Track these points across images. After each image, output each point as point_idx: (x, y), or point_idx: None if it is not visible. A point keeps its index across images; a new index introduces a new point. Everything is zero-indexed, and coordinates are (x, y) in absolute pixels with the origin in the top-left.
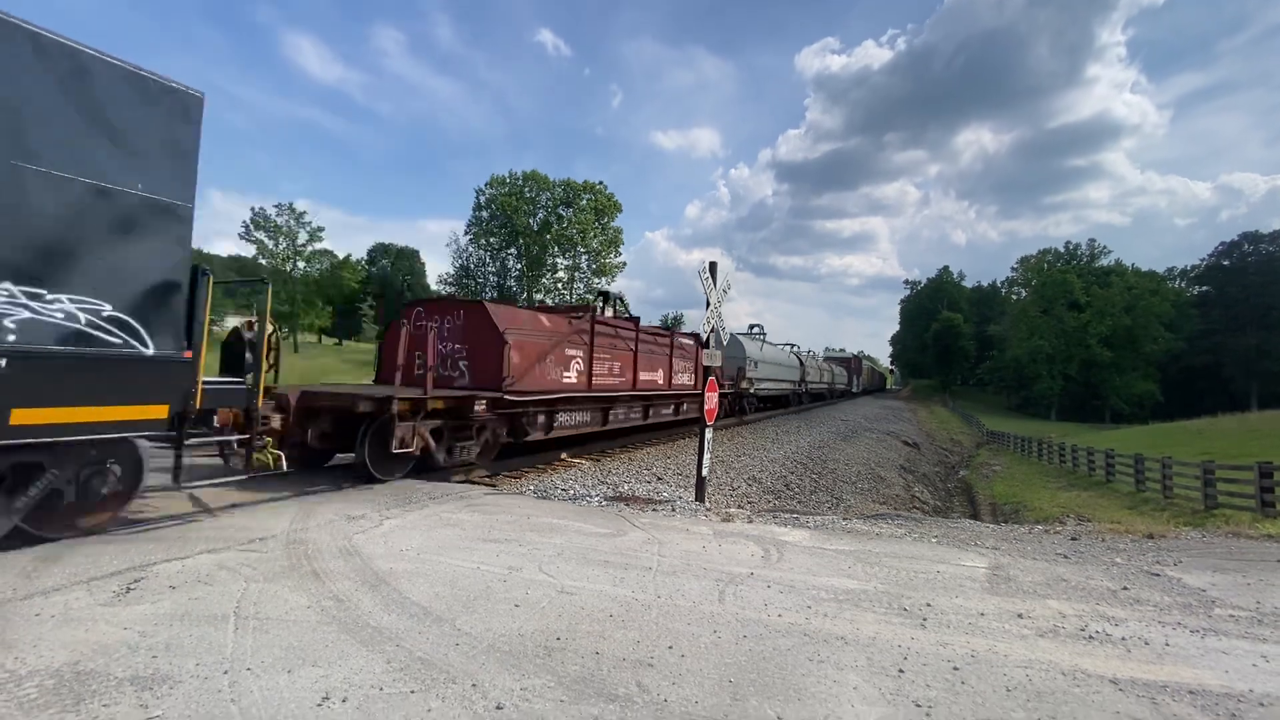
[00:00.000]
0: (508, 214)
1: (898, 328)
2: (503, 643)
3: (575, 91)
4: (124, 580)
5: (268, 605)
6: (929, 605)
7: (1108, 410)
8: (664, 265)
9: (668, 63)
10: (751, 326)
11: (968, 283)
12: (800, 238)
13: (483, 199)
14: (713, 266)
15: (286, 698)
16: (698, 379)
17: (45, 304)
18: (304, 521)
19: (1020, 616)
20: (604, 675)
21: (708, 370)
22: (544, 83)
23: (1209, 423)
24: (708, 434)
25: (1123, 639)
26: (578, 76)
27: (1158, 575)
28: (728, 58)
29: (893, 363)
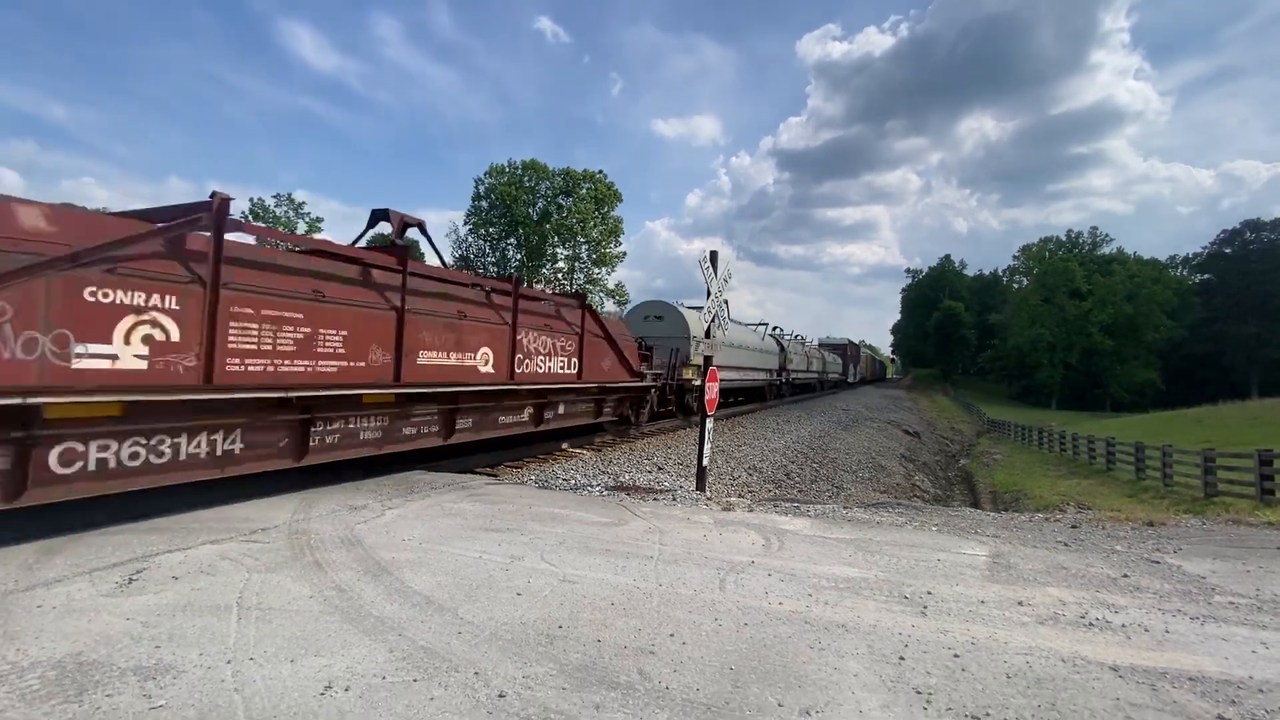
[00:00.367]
0: (507, 203)
1: (899, 317)
2: (505, 631)
3: (574, 79)
4: (126, 571)
5: (270, 595)
6: (929, 593)
7: (1108, 399)
8: (665, 255)
9: (668, 49)
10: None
11: (969, 271)
12: (801, 226)
13: (482, 188)
14: (714, 255)
15: (290, 687)
16: (585, 364)
17: None
18: (306, 512)
19: (1021, 604)
20: (606, 663)
21: (708, 360)
22: (543, 70)
23: (1209, 411)
24: (708, 424)
25: (1123, 626)
26: (577, 64)
27: (1158, 563)
28: (729, 44)
29: (894, 352)
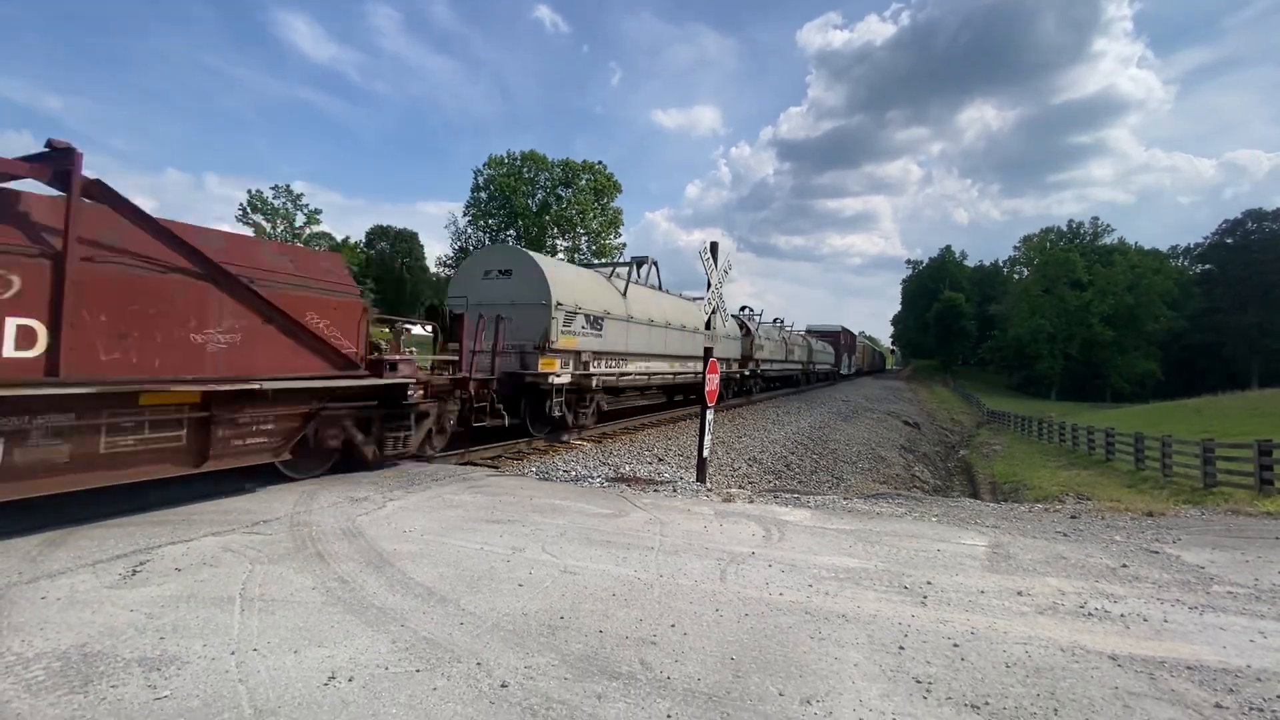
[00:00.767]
0: (506, 195)
1: (899, 308)
2: (507, 622)
3: (574, 69)
4: (129, 563)
5: (273, 587)
6: (929, 583)
7: (1109, 389)
8: (665, 246)
9: (668, 39)
10: (635, 260)
11: (970, 262)
12: (802, 217)
13: (481, 180)
14: (714, 247)
15: (293, 677)
16: (360, 341)
17: None
18: (307, 504)
19: (1020, 594)
20: (607, 653)
21: (708, 351)
22: (542, 61)
23: (1209, 401)
24: (709, 415)
25: (1121, 616)
26: (576, 54)
27: (1157, 553)
28: (729, 34)
29: (894, 342)
